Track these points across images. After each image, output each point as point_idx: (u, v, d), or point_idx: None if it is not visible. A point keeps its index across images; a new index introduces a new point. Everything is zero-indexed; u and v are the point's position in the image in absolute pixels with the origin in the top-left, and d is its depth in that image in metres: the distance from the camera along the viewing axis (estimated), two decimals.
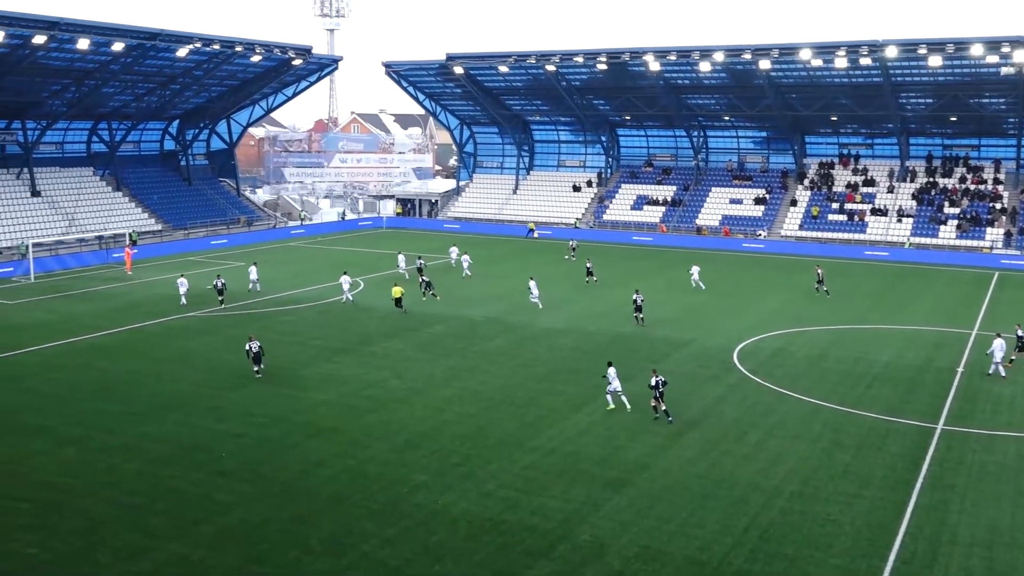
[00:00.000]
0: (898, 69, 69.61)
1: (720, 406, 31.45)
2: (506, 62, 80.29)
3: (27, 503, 23.08)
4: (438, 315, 46.26)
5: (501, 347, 39.74)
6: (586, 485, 24.37)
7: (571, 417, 30.09)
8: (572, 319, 45.55)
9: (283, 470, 25.39)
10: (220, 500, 23.31)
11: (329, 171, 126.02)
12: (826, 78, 73.43)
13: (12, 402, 31.66)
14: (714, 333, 42.65)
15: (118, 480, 24.62)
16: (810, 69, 72.14)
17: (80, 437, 28.01)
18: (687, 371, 35.93)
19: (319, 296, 51.52)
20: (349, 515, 22.50)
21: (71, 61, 65.49)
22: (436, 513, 22.65)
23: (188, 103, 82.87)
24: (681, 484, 24.50)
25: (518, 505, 23.10)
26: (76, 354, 38.61)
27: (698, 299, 51.61)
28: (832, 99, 75.70)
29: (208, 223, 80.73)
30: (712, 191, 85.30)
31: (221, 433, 28.42)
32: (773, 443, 27.76)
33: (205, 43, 69.33)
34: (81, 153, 79.77)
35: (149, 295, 51.96)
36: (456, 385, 33.80)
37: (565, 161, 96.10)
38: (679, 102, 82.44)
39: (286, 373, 35.36)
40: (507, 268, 62.98)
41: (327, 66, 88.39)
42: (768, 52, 69.94)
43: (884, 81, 70.88)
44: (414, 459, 26.24)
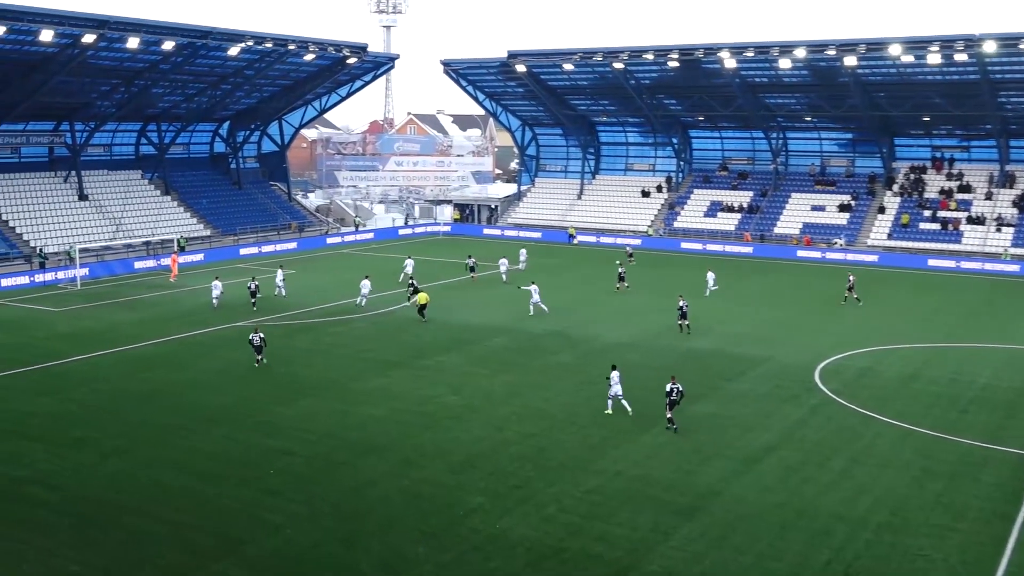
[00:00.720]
0: (997, 65, 68.04)
1: (801, 429, 30.97)
2: (571, 59, 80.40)
3: (71, 518, 23.65)
4: (497, 327, 46.38)
5: (564, 362, 39.67)
6: (654, 512, 24.16)
7: (638, 438, 29.89)
8: (640, 333, 45.30)
9: (333, 490, 25.65)
10: (268, 520, 23.61)
11: (384, 174, 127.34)
12: (917, 75, 72.09)
13: (57, 412, 32.51)
14: (794, 350, 42.05)
15: (164, 496, 25.11)
16: (900, 66, 70.89)
17: (125, 450, 28.64)
18: (764, 391, 35.47)
19: (371, 306, 51.98)
20: (402, 538, 22.61)
21: (120, 61, 67.28)
22: (493, 538, 22.64)
23: (239, 104, 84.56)
24: (758, 513, 24.15)
25: (581, 531, 22.98)
26: (121, 364, 39.52)
27: (777, 313, 50.96)
28: (924, 98, 74.27)
29: (258, 228, 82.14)
30: (792, 197, 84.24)
31: (270, 449, 28.82)
32: (859, 470, 27.23)
33: (257, 41, 70.71)
34: (129, 156, 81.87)
35: (196, 304, 52.97)
36: (516, 402, 33.81)
37: (633, 164, 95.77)
38: (757, 101, 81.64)
39: (336, 387, 35.74)
40: (571, 278, 62.90)
41: (383, 64, 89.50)
42: (854, 48, 68.93)
43: (982, 78, 69.34)
44: (470, 480, 26.29)
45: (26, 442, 29.37)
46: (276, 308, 51.29)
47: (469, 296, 55.25)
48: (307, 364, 39.27)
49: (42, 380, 36.80)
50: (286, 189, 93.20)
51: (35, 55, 62.16)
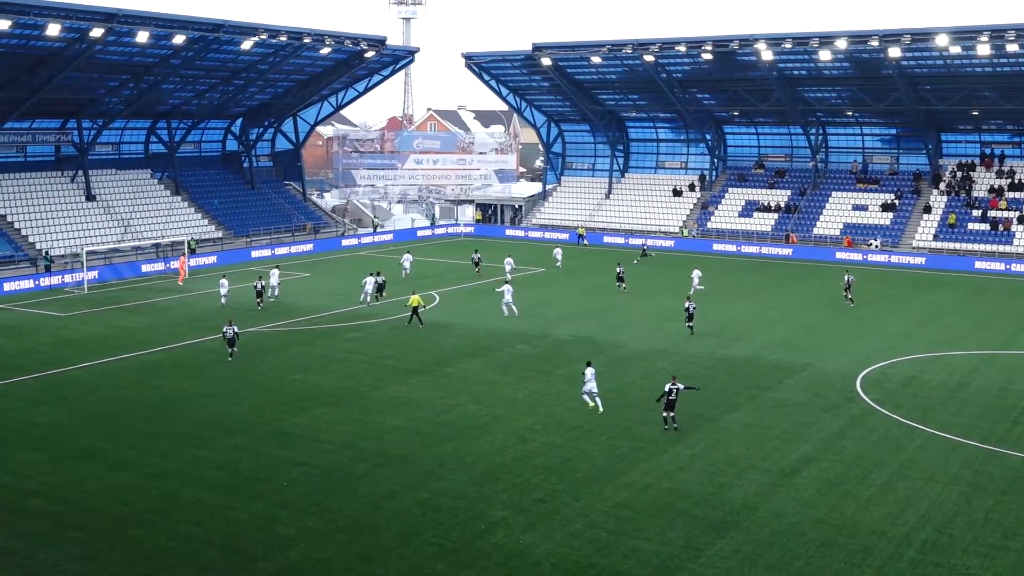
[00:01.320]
0: None
1: (840, 441, 30.80)
2: (599, 52, 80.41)
3: (79, 532, 23.88)
4: (521, 333, 46.43)
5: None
6: (685, 527, 24.10)
7: (669, 450, 29.83)
8: (670, 339, 45.23)
9: (349, 502, 25.76)
10: (281, 534, 23.74)
11: (403, 173, 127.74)
12: (966, 67, 71.59)
13: (64, 422, 32.85)
14: (834, 357, 41.84)
15: (174, 509, 25.30)
16: (947, 57, 70.41)
17: (134, 461, 28.89)
18: (802, 400, 35.31)
19: (390, 311, 52.18)
20: (421, 554, 22.68)
21: (129, 56, 67.96)
22: (517, 554, 22.67)
23: (252, 100, 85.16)
24: (795, 529, 24.04)
25: (609, 547, 22.97)
26: (130, 371, 39.88)
27: (816, 319, 50.73)
28: (973, 91, 73.72)
29: (272, 230, 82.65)
30: (832, 196, 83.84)
31: (283, 460, 28.98)
32: (902, 484, 27.04)
33: (271, 34, 71.20)
34: (139, 154, 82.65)
35: (207, 308, 53.36)
36: (540, 412, 33.83)
37: (664, 162, 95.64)
38: (795, 96, 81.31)
39: (354, 395, 35.90)
40: (598, 282, 62.88)
41: (402, 58, 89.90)
42: (899, 38, 68.53)
43: None
44: (493, 493, 26.33)
45: (31, 453, 29.68)
46: (291, 313, 51.60)
47: (492, 301, 55.31)
48: (324, 371, 39.47)
49: (48, 388, 37.19)
50: (301, 189, 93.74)
51: (41, 50, 62.89)
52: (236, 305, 51.88)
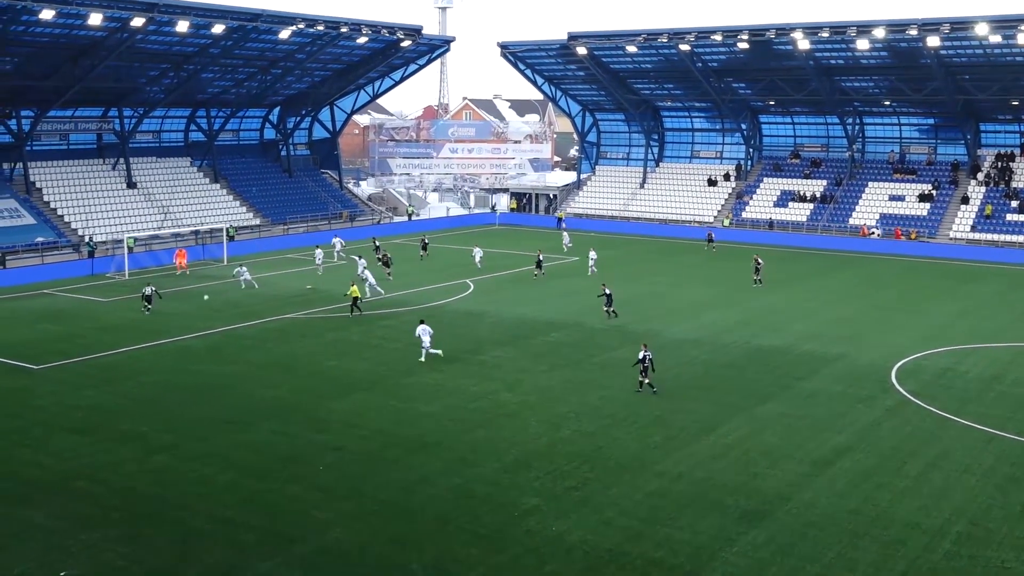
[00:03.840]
0: None
1: (875, 432, 30.53)
2: (635, 41, 79.98)
3: (119, 513, 24.19)
4: (554, 322, 46.40)
5: (624, 358, 39.49)
6: (718, 516, 24.01)
7: (702, 439, 29.71)
8: (706, 329, 45.01)
9: (384, 487, 25.89)
10: (317, 517, 23.91)
11: (438, 162, 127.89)
12: (1006, 56, 70.46)
13: (105, 405, 33.25)
14: (868, 348, 41.44)
15: (211, 492, 25.56)
16: (987, 46, 69.34)
17: (172, 444, 29.20)
18: (836, 391, 35.02)
19: (425, 299, 52.33)
20: (454, 539, 22.76)
21: (169, 45, 68.46)
22: (549, 541, 22.68)
23: (290, 89, 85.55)
24: (829, 519, 23.87)
25: (641, 536, 22.93)
26: (168, 356, 40.29)
27: (851, 310, 50.27)
28: (1013, 81, 72.58)
29: (308, 218, 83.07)
30: (869, 186, 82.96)
31: (320, 445, 29.18)
32: (937, 476, 26.77)
33: (309, 24, 71.43)
34: (178, 142, 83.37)
35: (245, 294, 53.75)
36: (573, 400, 33.81)
37: (699, 152, 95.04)
38: (832, 85, 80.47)
39: (388, 382, 36.04)
40: (632, 271, 62.68)
41: (438, 47, 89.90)
42: (937, 27, 67.58)
43: None
44: (525, 480, 26.36)
45: (72, 435, 30.10)
46: (325, 300, 51.87)
47: (525, 290, 55.35)
48: (359, 357, 39.66)
49: (89, 372, 37.66)
50: (337, 177, 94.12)
51: (84, 39, 63.50)
52: (280, 296, 52.04)
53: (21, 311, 49.81)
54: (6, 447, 29.04)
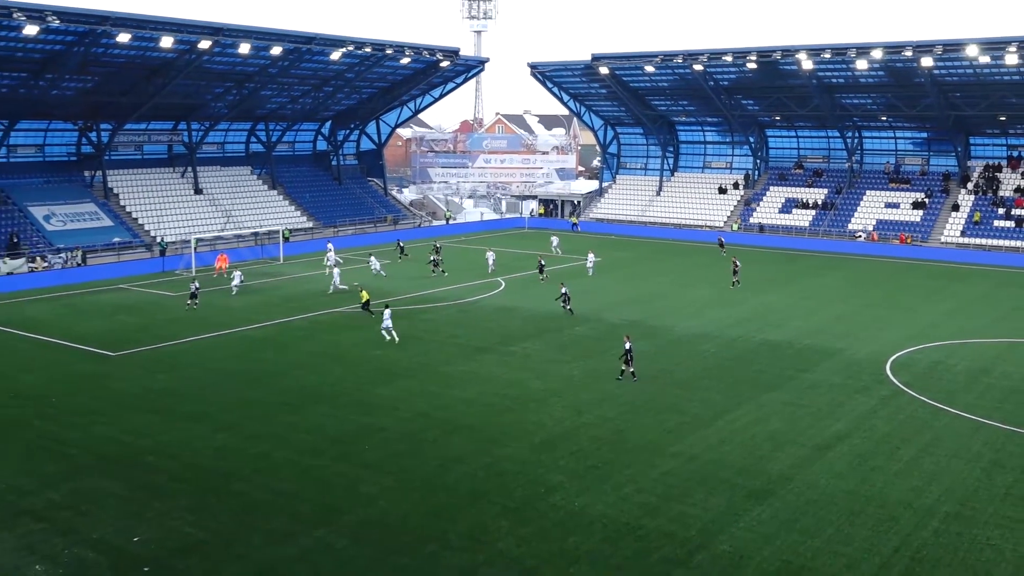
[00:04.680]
0: None
1: (870, 420, 30.31)
2: (652, 62, 79.65)
3: (187, 485, 24.49)
4: (579, 318, 46.36)
5: (641, 351, 39.36)
6: (727, 494, 23.95)
7: (712, 424, 29.63)
8: (715, 324, 44.80)
9: (423, 465, 26.02)
10: (363, 491, 24.08)
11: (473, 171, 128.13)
12: (994, 75, 69.50)
13: (174, 389, 33.62)
14: (865, 343, 41.10)
15: (269, 467, 25.80)
16: (977, 66, 68.47)
17: (234, 424, 29.48)
18: (836, 382, 34.78)
19: (460, 295, 52.44)
20: (486, 512, 22.85)
21: (232, 65, 68.94)
22: (572, 514, 22.73)
23: (340, 105, 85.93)
24: (828, 498, 23.75)
25: (656, 511, 22.92)
26: (231, 345, 40.65)
27: (849, 307, 49.85)
28: (1000, 98, 71.62)
29: (356, 221, 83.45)
30: (867, 195, 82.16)
31: (365, 426, 29.36)
32: (927, 461, 26.54)
33: (357, 46, 71.74)
34: (240, 153, 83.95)
35: (300, 290, 54.10)
36: (595, 388, 33.81)
37: (711, 162, 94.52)
38: (833, 102, 79.79)
39: (428, 370, 36.18)
40: (647, 270, 62.48)
41: (473, 67, 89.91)
42: (931, 49, 66.80)
43: None
44: (551, 460, 26.41)
45: (146, 415, 30.47)
46: (374, 295, 52.02)
47: (552, 288, 55.35)
48: (401, 348, 39.81)
49: (161, 359, 38.08)
50: (382, 184, 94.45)
51: (156, 60, 64.11)
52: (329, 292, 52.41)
53: (100, 304, 50.42)
54: (87, 425, 29.46)
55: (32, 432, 28.73)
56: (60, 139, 70.91)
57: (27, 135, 68.79)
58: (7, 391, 33.23)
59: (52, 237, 63.03)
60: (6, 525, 21.99)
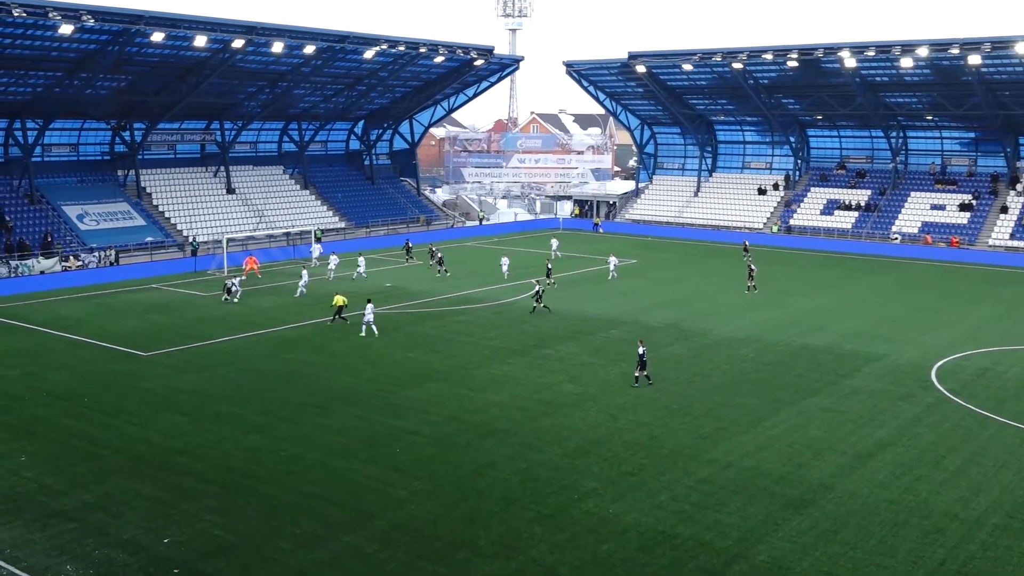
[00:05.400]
0: None
1: (915, 428, 29.86)
2: (690, 60, 79.20)
3: (216, 486, 24.65)
4: (614, 319, 46.17)
5: (678, 354, 39.23)
6: (765, 503, 23.69)
7: (750, 431, 29.34)
8: (754, 328, 44.41)
9: (455, 469, 26.01)
10: (394, 495, 24.11)
11: (507, 171, 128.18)
12: None
13: (205, 389, 33.91)
14: (909, 348, 40.53)
15: (299, 469, 25.91)
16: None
17: (265, 425, 29.67)
18: (878, 388, 34.31)
19: (494, 296, 52.43)
20: (519, 518, 22.77)
21: (265, 64, 69.51)
22: (606, 521, 22.59)
23: (373, 104, 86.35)
24: (870, 508, 23.41)
25: (692, 519, 22.72)
26: (262, 345, 40.93)
27: (892, 311, 49.20)
28: None
29: (389, 221, 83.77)
30: (911, 196, 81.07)
31: (396, 429, 29.40)
32: (975, 471, 26.08)
33: (391, 45, 72.04)
34: (272, 152, 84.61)
35: (332, 291, 54.30)
36: (630, 392, 33.63)
37: (750, 163, 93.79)
38: (876, 100, 78.84)
39: (460, 373, 36.18)
40: (686, 272, 62.10)
41: (508, 66, 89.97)
42: (979, 46, 65.76)
43: None
44: (585, 465, 26.29)
45: (176, 415, 30.74)
46: (403, 296, 52.31)
47: (586, 289, 55.21)
48: (433, 350, 39.88)
49: (191, 359, 38.42)
50: (415, 184, 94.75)
51: (190, 59, 64.78)
52: (361, 291, 52.63)
53: (132, 303, 51.01)
54: (118, 425, 29.78)
55: (63, 432, 29.09)
56: (94, 138, 71.93)
57: (61, 134, 69.86)
58: (39, 390, 33.69)
59: (85, 236, 63.90)
60: (38, 526, 22.27)
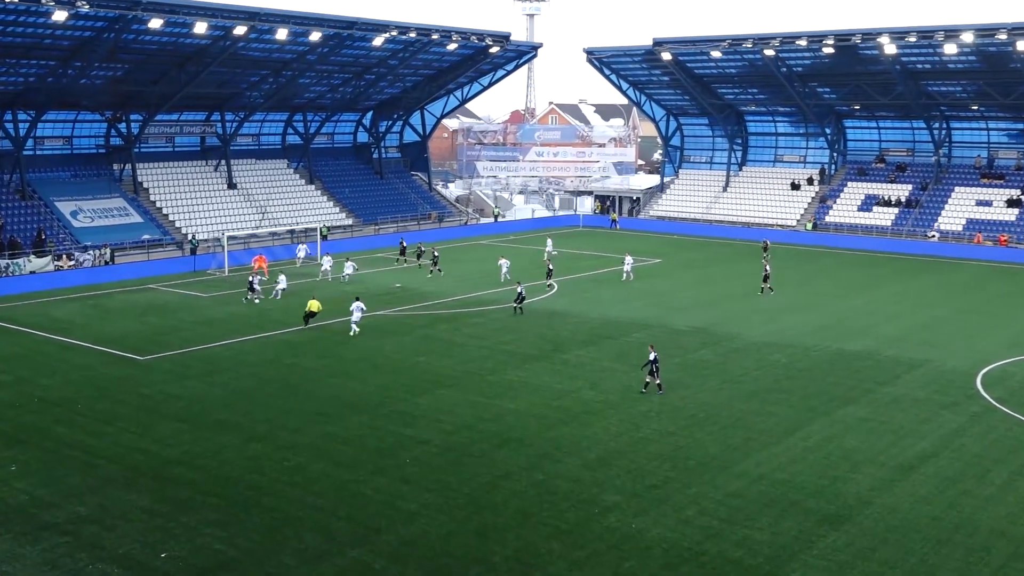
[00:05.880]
0: None
1: (959, 439, 29.64)
2: (719, 47, 79.00)
3: (216, 498, 24.74)
4: (637, 322, 46.07)
5: (706, 359, 39.10)
6: (798, 518, 23.56)
7: (783, 441, 29.21)
8: (788, 332, 44.22)
9: (468, 481, 26.00)
10: (403, 508, 24.12)
11: (524, 165, 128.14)
12: None
13: (204, 395, 34.04)
14: (953, 354, 40.26)
15: (303, 480, 25.97)
16: None
17: (267, 434, 29.75)
18: (920, 396, 34.09)
19: (509, 298, 52.38)
20: (536, 533, 22.74)
21: (269, 52, 69.80)
22: (629, 537, 22.53)
23: (382, 94, 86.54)
24: (911, 525, 23.25)
25: (720, 535, 22.63)
26: (265, 349, 41.06)
27: (935, 314, 48.89)
28: None
29: (398, 218, 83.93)
30: (955, 191, 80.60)
31: (406, 438, 29.43)
32: (1023, 485, 25.87)
33: (401, 31, 72.17)
34: (276, 145, 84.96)
35: (338, 292, 54.46)
36: (655, 399, 33.54)
37: (783, 156, 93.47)
38: (918, 89, 78.40)
39: (474, 379, 36.19)
40: (716, 273, 61.91)
41: (525, 53, 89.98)
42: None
43: None
44: (606, 477, 26.23)
45: (173, 423, 30.87)
46: (414, 298, 52.38)
47: (607, 290, 55.12)
48: (445, 355, 39.90)
49: (190, 363, 38.59)
50: (427, 179, 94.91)
51: (189, 47, 65.12)
52: (368, 293, 52.70)
53: (128, 304, 51.30)
54: (113, 433, 29.93)
55: (56, 440, 29.26)
56: (88, 131, 72.40)
57: (54, 127, 70.34)
58: (31, 396, 33.91)
59: (79, 234, 64.31)
60: (29, 539, 22.40)
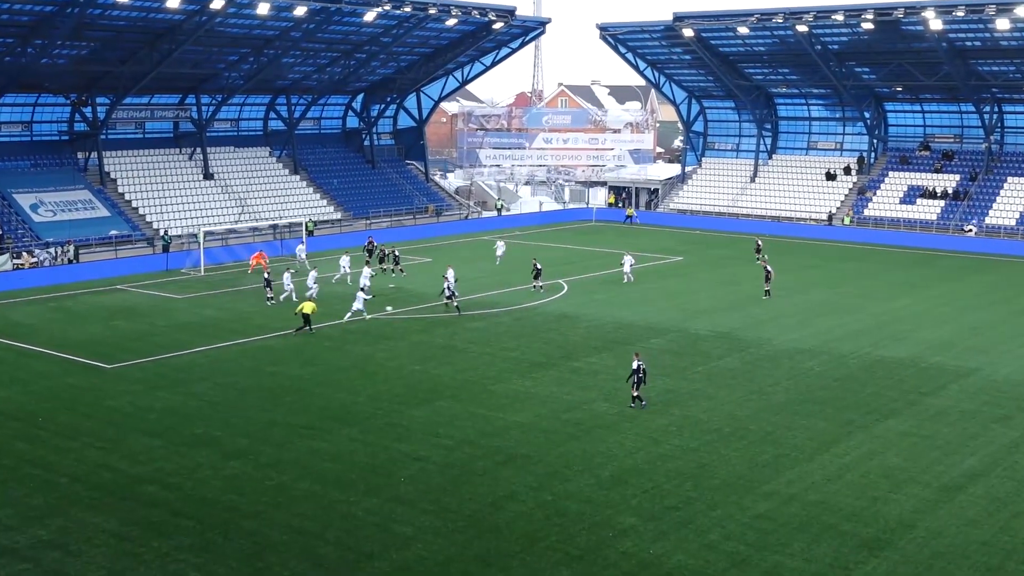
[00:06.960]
0: None
1: (1012, 455, 29.67)
2: (746, 22, 79.05)
3: (191, 521, 24.81)
4: (655, 327, 46.15)
5: (731, 368, 39.15)
6: (834, 543, 23.61)
7: (816, 458, 29.25)
8: (822, 337, 44.27)
9: (469, 501, 26.07)
10: (397, 532, 24.19)
11: (531, 152, 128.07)
12: None
13: (179, 408, 34.14)
14: (1006, 361, 40.29)
15: (287, 501, 26.05)
16: None
17: (248, 450, 29.84)
18: (969, 408, 34.11)
19: (514, 300, 52.51)
20: (544, 559, 22.80)
21: (249, 28, 69.99)
22: (646, 564, 22.58)
23: (374, 75, 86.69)
24: (958, 551, 23.28)
25: (748, 562, 22.68)
26: (246, 357, 41.17)
27: (985, 317, 48.91)
28: None
29: (392, 212, 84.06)
30: (1008, 181, 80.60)
31: (401, 455, 29.51)
32: None
33: (395, 5, 72.20)
34: (257, 131, 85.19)
35: (325, 293, 54.53)
36: (675, 412, 33.59)
37: (817, 143, 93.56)
38: (967, 69, 78.37)
39: (475, 389, 36.27)
40: (741, 273, 61.97)
41: (532, 30, 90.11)
42: None
43: None
44: (622, 498, 26.29)
45: (145, 438, 30.95)
46: (410, 300, 52.47)
47: (622, 291, 55.18)
48: (444, 362, 39.99)
49: (163, 372, 38.69)
50: (423, 168, 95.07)
51: (161, 23, 65.30)
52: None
53: (94, 307, 51.45)
54: (78, 448, 30.03)
55: (14, 457, 29.36)
56: (50, 115, 72.61)
57: (12, 111, 70.57)
58: None
59: (40, 230, 64.52)
60: None
